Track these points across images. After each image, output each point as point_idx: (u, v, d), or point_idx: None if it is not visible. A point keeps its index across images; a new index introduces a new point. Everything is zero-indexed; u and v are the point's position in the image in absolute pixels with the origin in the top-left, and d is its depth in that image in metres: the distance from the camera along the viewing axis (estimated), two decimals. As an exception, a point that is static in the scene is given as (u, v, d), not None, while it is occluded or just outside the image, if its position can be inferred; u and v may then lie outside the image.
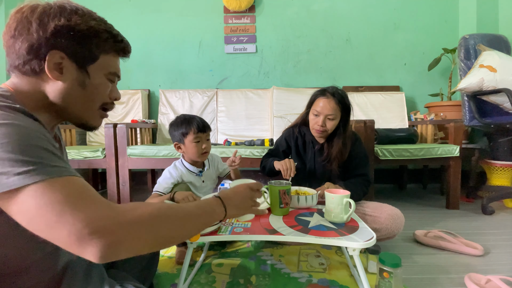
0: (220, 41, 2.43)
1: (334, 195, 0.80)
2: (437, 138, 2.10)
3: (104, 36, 0.52)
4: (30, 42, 0.46)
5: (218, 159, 1.35)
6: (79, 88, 0.51)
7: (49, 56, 0.47)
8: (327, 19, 2.41)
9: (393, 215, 1.04)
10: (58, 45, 0.48)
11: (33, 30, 0.46)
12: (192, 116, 1.17)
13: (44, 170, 0.37)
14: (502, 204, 1.79)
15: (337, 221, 0.80)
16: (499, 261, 1.06)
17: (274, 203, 0.87)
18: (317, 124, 1.16)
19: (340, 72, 2.45)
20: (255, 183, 0.71)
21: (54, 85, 0.49)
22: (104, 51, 0.53)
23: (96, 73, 0.53)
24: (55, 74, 0.48)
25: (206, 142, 1.15)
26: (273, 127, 2.22)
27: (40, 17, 0.47)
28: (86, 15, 0.50)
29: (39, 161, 0.38)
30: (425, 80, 2.41)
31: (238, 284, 0.90)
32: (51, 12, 0.47)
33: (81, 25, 0.49)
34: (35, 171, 0.36)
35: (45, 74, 0.48)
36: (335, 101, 1.14)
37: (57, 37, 0.47)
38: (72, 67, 0.50)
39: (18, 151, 0.36)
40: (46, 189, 0.36)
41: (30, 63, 0.47)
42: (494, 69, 1.65)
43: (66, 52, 0.48)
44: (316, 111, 1.17)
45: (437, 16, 2.39)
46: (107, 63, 0.54)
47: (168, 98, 2.30)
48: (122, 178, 1.71)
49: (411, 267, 1.01)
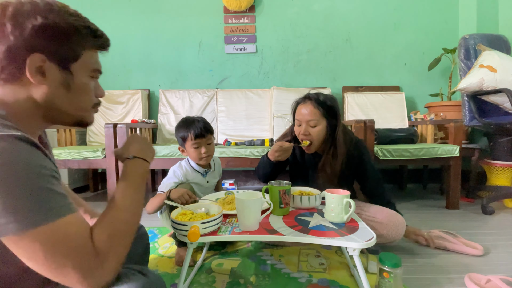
0: (220, 41, 2.43)
1: (334, 195, 0.80)
2: (437, 138, 2.10)
3: (84, 32, 0.49)
4: (7, 46, 0.43)
5: (220, 167, 1.34)
6: (64, 90, 0.49)
7: (30, 60, 0.44)
8: (327, 19, 2.41)
9: (394, 222, 1.02)
10: (38, 47, 0.45)
11: (8, 32, 0.43)
12: (193, 119, 1.14)
13: (35, 217, 0.38)
14: (502, 204, 1.79)
15: (337, 221, 0.80)
16: (499, 261, 1.06)
17: (274, 203, 0.87)
18: (300, 134, 1.09)
19: (340, 72, 2.45)
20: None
21: (39, 90, 0.47)
22: (85, 47, 0.50)
23: (79, 72, 0.51)
24: (37, 79, 0.46)
25: (206, 147, 1.13)
26: (273, 127, 2.22)
27: (14, 17, 0.43)
28: (61, 10, 0.47)
29: (33, 207, 0.38)
30: (425, 80, 2.41)
31: (238, 284, 0.90)
32: (24, 10, 0.44)
33: (60, 23, 0.46)
34: (23, 221, 0.37)
35: (26, 79, 0.45)
36: (313, 104, 1.06)
37: (36, 38, 0.44)
38: (55, 68, 0.47)
39: (11, 196, 0.37)
40: (37, 238, 0.38)
41: (9, 69, 0.44)
42: (494, 69, 1.65)
43: (46, 54, 0.46)
44: (298, 120, 1.10)
45: (437, 16, 2.39)
46: (88, 60, 0.52)
47: (168, 98, 2.30)
48: (122, 178, 1.70)
49: (411, 267, 1.01)
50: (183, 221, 0.70)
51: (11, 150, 0.38)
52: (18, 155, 0.39)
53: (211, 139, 1.17)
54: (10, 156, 0.38)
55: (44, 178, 0.41)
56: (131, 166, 0.60)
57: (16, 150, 0.39)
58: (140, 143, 0.64)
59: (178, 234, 0.72)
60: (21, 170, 0.38)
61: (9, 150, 0.38)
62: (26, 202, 0.38)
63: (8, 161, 0.38)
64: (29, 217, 0.37)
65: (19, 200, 0.37)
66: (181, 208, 0.79)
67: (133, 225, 0.52)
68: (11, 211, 0.36)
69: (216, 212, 0.78)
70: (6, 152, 0.38)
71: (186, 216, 0.74)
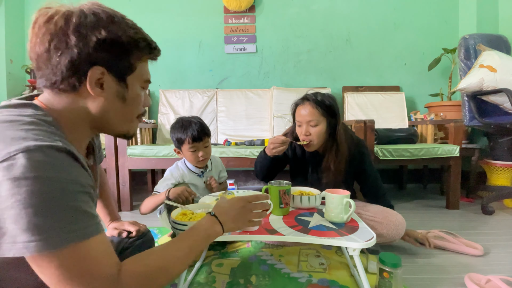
0: (220, 41, 2.43)
1: (334, 195, 0.80)
2: (437, 138, 2.10)
3: (142, 45, 0.50)
4: (71, 57, 0.43)
5: (221, 165, 1.33)
6: (119, 102, 0.50)
7: (91, 73, 0.45)
8: (327, 19, 2.41)
9: (394, 221, 1.02)
10: (100, 60, 0.45)
11: (72, 44, 0.43)
12: (189, 121, 1.12)
13: (56, 239, 0.37)
14: (502, 204, 1.79)
15: (337, 221, 0.80)
16: (499, 261, 1.06)
17: (274, 203, 0.86)
18: (301, 134, 1.09)
19: (340, 72, 2.45)
20: (254, 195, 0.67)
21: (95, 101, 0.47)
22: (140, 60, 0.51)
23: (133, 84, 0.51)
24: (96, 91, 0.46)
25: (203, 150, 1.12)
26: (273, 127, 2.22)
27: (77, 28, 0.43)
28: (122, 23, 0.48)
29: (57, 228, 0.37)
30: (425, 80, 2.41)
31: (238, 284, 0.90)
32: (87, 22, 0.44)
33: (122, 37, 0.46)
34: (44, 242, 0.36)
35: (84, 90, 0.46)
36: (312, 105, 1.06)
37: (99, 52, 0.44)
38: (112, 81, 0.48)
39: (36, 214, 0.35)
40: (55, 259, 0.37)
41: (69, 80, 0.44)
42: (494, 69, 1.65)
43: (106, 66, 0.46)
44: (298, 121, 1.11)
45: (437, 16, 2.39)
46: (142, 71, 0.52)
47: (168, 98, 2.30)
48: (122, 178, 1.71)
49: (411, 267, 1.01)
50: (183, 221, 0.70)
51: (47, 162, 0.37)
52: (54, 169, 0.38)
53: (208, 142, 1.15)
54: (44, 169, 0.37)
55: (75, 195, 0.39)
56: (203, 220, 0.59)
57: (52, 163, 0.38)
58: (231, 208, 0.62)
59: (178, 234, 0.71)
60: (53, 185, 0.37)
61: (45, 163, 0.37)
62: (52, 222, 0.36)
63: (42, 176, 0.36)
64: (51, 239, 0.36)
65: (45, 219, 0.36)
66: (181, 208, 0.79)
67: (164, 278, 0.47)
68: (34, 231, 0.35)
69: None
70: (41, 165, 0.37)
71: (186, 216, 0.74)
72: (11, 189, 0.35)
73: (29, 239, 0.35)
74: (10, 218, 0.35)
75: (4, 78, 2.23)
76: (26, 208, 0.35)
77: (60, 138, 0.41)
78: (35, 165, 0.36)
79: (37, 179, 0.36)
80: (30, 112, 0.42)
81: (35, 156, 0.36)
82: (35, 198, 0.35)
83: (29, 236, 0.35)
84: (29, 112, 0.42)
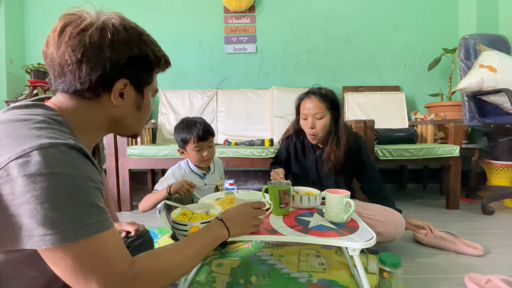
0: (220, 41, 2.43)
1: (334, 195, 0.80)
2: (437, 138, 2.10)
3: (162, 61, 0.54)
4: (103, 71, 0.45)
5: (221, 165, 1.34)
6: (136, 110, 0.53)
7: (117, 84, 0.47)
8: (327, 19, 2.41)
9: (394, 220, 1.03)
10: (127, 74, 0.48)
11: (105, 58, 0.45)
12: (194, 121, 1.13)
13: (72, 232, 0.38)
14: (502, 204, 1.79)
15: (337, 221, 0.80)
16: (499, 261, 1.06)
17: (274, 203, 0.87)
18: (307, 127, 1.15)
19: (340, 72, 2.45)
20: (257, 201, 0.73)
21: (114, 109, 0.50)
22: (156, 73, 0.56)
23: (148, 94, 0.55)
24: (118, 101, 0.49)
25: (208, 149, 1.13)
26: (273, 127, 2.22)
27: (112, 44, 0.45)
28: (149, 41, 0.51)
29: (72, 222, 0.38)
30: (425, 80, 2.41)
31: (238, 284, 0.90)
32: (121, 39, 0.46)
33: (150, 55, 0.50)
34: (59, 235, 0.37)
35: (104, 98, 0.48)
36: (318, 98, 1.13)
37: (129, 67, 0.48)
38: (133, 92, 0.51)
39: (52, 208, 0.37)
40: (70, 252, 0.38)
41: (95, 90, 0.46)
42: (494, 69, 1.65)
43: (130, 79, 0.49)
44: (304, 114, 1.16)
45: (437, 16, 2.39)
46: (154, 82, 0.57)
47: (168, 98, 2.30)
48: (122, 178, 1.71)
49: (411, 267, 1.01)
50: (183, 221, 0.70)
51: (61, 159, 0.38)
52: (68, 165, 0.39)
53: (213, 141, 1.16)
54: (59, 166, 0.38)
55: (88, 191, 0.41)
56: (212, 224, 0.63)
57: (66, 159, 0.39)
58: (238, 214, 0.67)
59: (178, 234, 0.72)
60: (67, 181, 0.38)
61: (59, 159, 0.38)
62: (67, 216, 0.37)
63: (57, 171, 0.37)
64: (66, 232, 0.37)
65: (60, 214, 0.37)
66: (181, 208, 0.79)
67: (173, 275, 0.50)
68: (50, 224, 0.36)
69: (216, 212, 0.78)
70: (56, 161, 0.38)
71: (186, 216, 0.74)
72: (27, 185, 0.35)
73: (45, 232, 0.36)
74: (26, 213, 0.36)
75: (4, 78, 2.23)
76: (42, 203, 0.36)
77: (71, 136, 0.43)
78: (50, 161, 0.37)
79: (52, 175, 0.37)
80: (42, 112, 0.43)
81: (49, 153, 0.37)
82: (51, 194, 0.36)
83: (45, 230, 0.36)
84: (41, 111, 0.43)
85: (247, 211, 0.68)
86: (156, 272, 0.46)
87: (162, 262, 0.48)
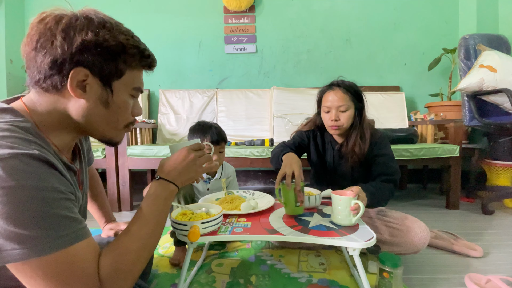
0: (220, 41, 2.43)
1: (341, 197, 0.77)
2: (437, 138, 2.10)
3: (132, 51, 0.49)
4: (54, 56, 0.43)
5: (233, 174, 1.30)
6: (102, 107, 0.49)
7: (73, 73, 0.44)
8: (327, 19, 2.41)
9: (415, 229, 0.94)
10: (84, 62, 0.44)
11: (57, 43, 0.43)
12: (210, 125, 1.15)
13: (42, 246, 0.37)
14: (502, 204, 1.79)
15: (345, 224, 0.77)
16: (499, 261, 1.06)
17: (290, 202, 0.83)
18: (330, 120, 1.10)
19: (340, 72, 2.41)
20: (194, 144, 0.66)
21: (76, 104, 0.47)
22: (130, 66, 0.50)
23: (120, 90, 0.50)
24: (78, 92, 0.46)
25: (218, 154, 1.14)
26: (273, 127, 2.22)
27: (65, 29, 0.43)
28: (114, 28, 0.47)
29: (38, 235, 0.37)
30: (425, 80, 2.41)
31: (238, 284, 0.90)
32: (77, 24, 0.44)
33: (110, 40, 0.46)
34: (28, 250, 0.36)
35: (66, 91, 0.45)
36: (342, 90, 1.09)
37: (83, 53, 0.44)
38: (96, 84, 0.47)
39: (19, 223, 0.35)
40: (40, 266, 0.37)
41: (52, 79, 0.44)
42: (494, 69, 1.65)
43: (91, 69, 0.45)
44: (327, 107, 1.11)
45: (437, 16, 2.39)
46: (132, 78, 0.51)
47: (168, 98, 2.30)
48: (122, 178, 1.71)
49: (411, 267, 1.01)
50: (183, 221, 0.70)
51: (24, 171, 0.37)
52: (30, 177, 0.37)
53: (224, 147, 1.17)
54: (21, 178, 0.36)
55: (55, 202, 0.39)
56: (153, 188, 0.57)
57: (29, 171, 0.37)
58: (177, 162, 0.60)
59: (178, 234, 0.72)
60: (31, 194, 0.36)
61: (21, 171, 0.36)
62: (33, 229, 0.36)
63: (19, 184, 0.36)
64: (34, 246, 0.36)
65: (26, 227, 0.36)
66: (181, 208, 0.79)
67: (143, 259, 0.49)
68: (16, 239, 0.35)
69: (216, 212, 0.78)
70: (17, 173, 0.36)
71: (186, 216, 0.74)
72: None
73: (12, 247, 0.35)
74: None
75: (4, 78, 2.24)
76: (6, 218, 0.35)
77: (36, 146, 0.41)
78: (12, 173, 0.35)
79: (15, 188, 0.35)
80: (7, 119, 0.42)
81: (9, 165, 0.36)
82: (15, 208, 0.35)
83: (12, 245, 0.35)
84: (7, 118, 0.42)
85: (185, 155, 0.61)
86: (125, 270, 0.46)
87: (126, 255, 0.47)
